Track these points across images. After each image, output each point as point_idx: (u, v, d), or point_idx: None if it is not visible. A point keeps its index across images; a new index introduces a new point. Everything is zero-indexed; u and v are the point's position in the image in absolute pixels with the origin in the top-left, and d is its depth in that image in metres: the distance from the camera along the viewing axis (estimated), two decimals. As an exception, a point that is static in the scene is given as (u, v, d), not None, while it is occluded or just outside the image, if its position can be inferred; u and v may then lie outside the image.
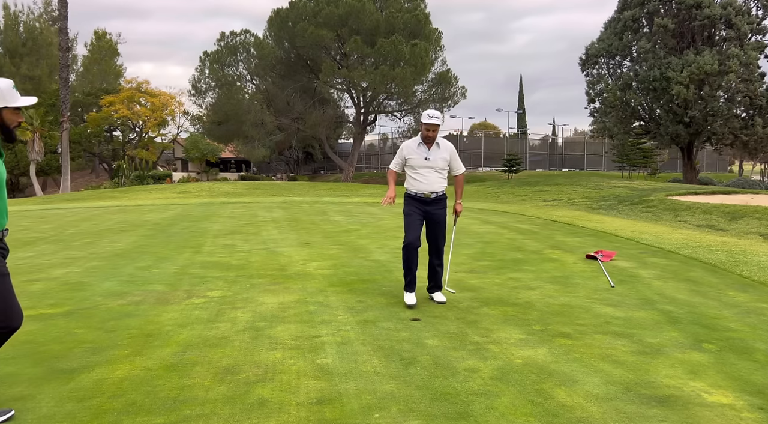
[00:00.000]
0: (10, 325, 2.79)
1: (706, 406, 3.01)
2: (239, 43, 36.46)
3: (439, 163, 5.00)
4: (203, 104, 38.32)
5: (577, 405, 3.00)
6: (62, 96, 33.09)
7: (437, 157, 5.00)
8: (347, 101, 38.69)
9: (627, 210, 13.45)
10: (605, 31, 27.41)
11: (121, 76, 57.33)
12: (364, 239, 9.39)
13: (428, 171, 4.99)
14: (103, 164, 49.81)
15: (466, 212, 14.13)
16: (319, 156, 45.78)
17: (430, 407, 2.96)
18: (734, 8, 23.61)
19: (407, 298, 5.03)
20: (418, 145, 5.02)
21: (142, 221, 12.50)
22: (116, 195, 23.25)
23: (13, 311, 2.79)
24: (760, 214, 10.50)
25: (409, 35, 31.14)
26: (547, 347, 3.91)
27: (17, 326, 2.81)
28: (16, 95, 2.76)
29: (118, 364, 3.60)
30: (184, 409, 2.96)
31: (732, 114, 24.19)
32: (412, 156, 5.00)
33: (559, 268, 6.85)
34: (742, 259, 7.23)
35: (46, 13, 53.32)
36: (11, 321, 2.79)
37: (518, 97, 58.26)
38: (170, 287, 5.80)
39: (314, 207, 16.17)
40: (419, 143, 5.02)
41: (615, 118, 26.96)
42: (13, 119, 2.77)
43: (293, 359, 3.67)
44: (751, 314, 4.82)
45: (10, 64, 47.81)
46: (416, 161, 4.99)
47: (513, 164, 31.91)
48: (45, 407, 2.98)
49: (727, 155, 46.36)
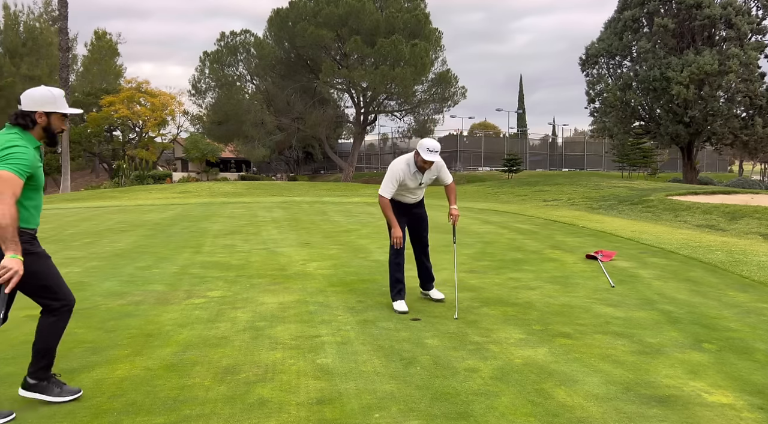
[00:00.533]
0: (70, 302, 3.02)
1: (706, 406, 3.01)
2: (239, 43, 36.46)
3: (428, 182, 5.01)
4: (203, 104, 38.34)
5: (577, 405, 3.00)
6: (62, 96, 33.05)
7: (429, 177, 4.96)
8: (347, 101, 38.73)
9: (627, 210, 13.45)
10: (605, 31, 27.41)
11: (121, 76, 57.32)
12: (364, 238, 9.39)
13: (419, 190, 5.00)
14: (103, 164, 49.78)
15: (466, 211, 14.12)
16: (319, 156, 45.78)
17: (430, 407, 2.96)
18: (734, 8, 23.60)
19: (401, 306, 4.86)
20: (414, 173, 4.83)
21: (142, 221, 12.50)
22: (116, 195, 23.25)
23: (67, 289, 3.04)
24: (760, 214, 10.50)
25: (409, 35, 31.13)
26: (547, 347, 3.91)
27: (74, 302, 3.07)
28: (65, 104, 2.98)
29: (118, 364, 3.60)
30: (184, 409, 2.96)
31: (732, 114, 24.19)
32: (406, 182, 4.85)
33: (559, 268, 6.85)
34: (742, 259, 7.23)
35: (46, 13, 53.29)
36: (69, 298, 3.02)
37: (518, 97, 58.27)
38: (170, 287, 5.80)
39: (314, 207, 16.17)
40: (414, 171, 4.82)
41: (615, 118, 26.96)
42: (59, 125, 2.97)
43: (293, 359, 3.67)
44: (751, 314, 4.82)
45: (10, 64, 47.77)
46: (410, 185, 4.90)
47: (513, 164, 31.91)
48: (45, 407, 2.98)
49: (727, 155, 46.35)
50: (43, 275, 2.90)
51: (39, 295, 2.94)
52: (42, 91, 2.92)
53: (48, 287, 2.93)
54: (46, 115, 2.91)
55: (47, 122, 2.92)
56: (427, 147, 4.63)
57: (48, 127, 2.93)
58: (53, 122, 2.94)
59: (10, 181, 2.65)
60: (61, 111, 2.95)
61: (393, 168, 4.81)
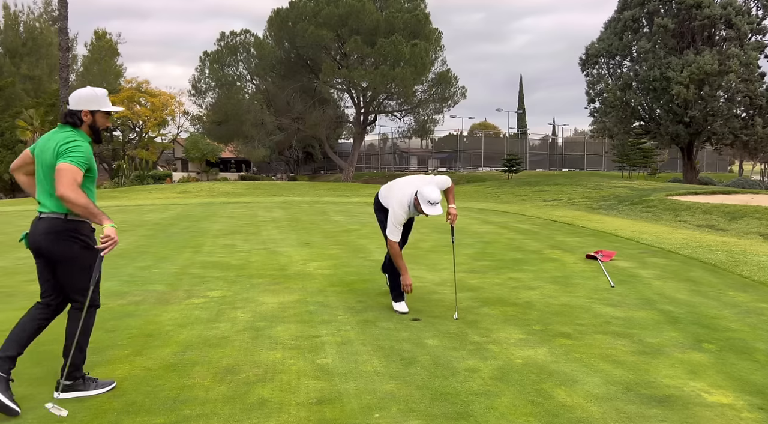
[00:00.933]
0: (98, 303, 3.28)
1: (706, 406, 3.01)
2: (239, 43, 36.44)
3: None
4: (203, 104, 38.32)
5: (577, 405, 3.00)
6: (62, 96, 33.01)
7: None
8: (347, 101, 38.71)
9: (627, 210, 13.44)
10: (605, 31, 27.41)
11: (121, 76, 57.24)
12: (364, 238, 9.38)
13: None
14: (103, 164, 49.72)
15: (466, 211, 14.13)
16: (319, 156, 45.78)
17: (430, 407, 2.96)
18: (734, 8, 23.60)
19: (401, 306, 4.88)
20: (413, 212, 4.82)
21: (142, 221, 12.50)
22: (116, 195, 23.24)
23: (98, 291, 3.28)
24: (760, 214, 10.50)
25: (409, 35, 31.11)
26: (547, 347, 3.91)
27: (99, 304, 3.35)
28: (108, 102, 3.24)
29: (118, 364, 3.60)
30: (184, 409, 2.96)
31: (732, 114, 24.19)
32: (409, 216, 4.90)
33: (559, 268, 6.85)
34: (742, 259, 7.23)
35: (46, 13, 53.29)
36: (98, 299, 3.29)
37: (518, 97, 58.29)
38: (170, 287, 5.80)
39: (314, 207, 16.17)
40: (414, 211, 4.81)
41: (615, 118, 26.95)
42: (103, 123, 3.23)
43: (293, 359, 3.67)
44: (751, 314, 4.82)
45: (10, 64, 47.77)
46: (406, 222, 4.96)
47: (513, 164, 31.89)
48: (45, 408, 2.98)
49: (727, 155, 46.36)
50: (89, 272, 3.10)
51: (76, 290, 3.14)
52: (87, 91, 3.17)
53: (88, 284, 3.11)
54: (91, 114, 3.14)
55: (92, 120, 3.16)
56: (428, 200, 4.58)
57: (93, 124, 3.17)
58: (98, 120, 3.18)
59: (73, 171, 2.93)
60: (105, 109, 3.19)
61: (395, 213, 4.73)
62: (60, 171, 2.90)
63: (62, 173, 2.89)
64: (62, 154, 2.96)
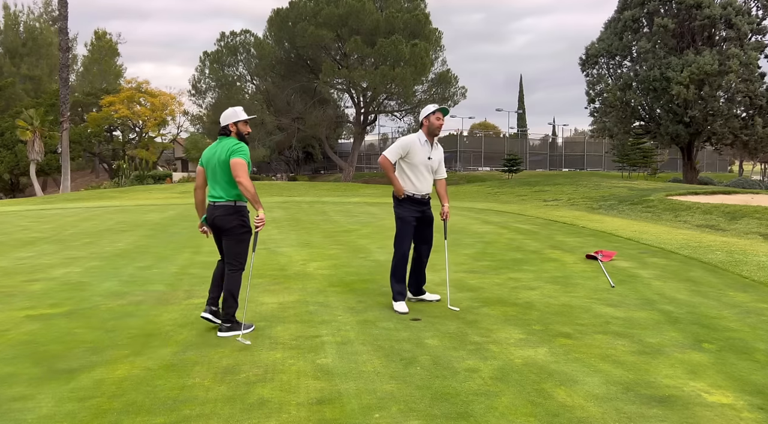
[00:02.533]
0: (244, 267, 4.25)
1: (706, 406, 3.01)
2: (239, 43, 36.43)
3: (435, 165, 5.00)
4: (203, 104, 38.30)
5: (577, 405, 3.00)
6: (62, 96, 33.09)
7: (436, 158, 4.99)
8: (347, 101, 38.68)
9: (627, 210, 13.44)
10: (605, 31, 27.40)
11: (121, 76, 57.31)
12: (364, 238, 9.38)
13: (427, 171, 4.95)
14: (103, 164, 49.78)
15: (467, 211, 14.13)
16: (319, 156, 45.76)
17: (430, 407, 2.96)
18: (734, 8, 23.60)
19: (401, 306, 4.87)
20: (423, 143, 4.91)
21: (143, 221, 12.50)
22: (116, 195, 23.25)
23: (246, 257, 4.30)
24: (760, 214, 10.50)
25: (409, 35, 31.10)
26: (547, 347, 3.91)
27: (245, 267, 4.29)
28: (243, 114, 4.24)
29: (118, 364, 3.60)
30: (184, 409, 2.96)
31: (732, 114, 24.18)
32: (416, 153, 4.86)
33: (559, 268, 6.85)
34: (742, 259, 7.23)
35: (46, 13, 53.35)
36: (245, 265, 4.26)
37: (518, 97, 58.22)
38: (170, 287, 5.80)
39: (314, 207, 16.17)
40: (424, 141, 4.93)
41: (615, 118, 26.95)
42: (245, 129, 4.25)
43: (293, 359, 3.67)
44: (751, 314, 4.81)
45: (10, 64, 47.81)
46: (419, 158, 4.86)
47: (513, 164, 31.90)
48: (45, 407, 2.98)
49: (727, 155, 46.34)
50: (245, 246, 4.21)
51: (232, 256, 4.18)
52: (228, 111, 4.25)
53: (240, 254, 4.19)
54: (234, 125, 4.21)
55: (237, 130, 4.22)
56: (432, 107, 4.91)
57: (238, 131, 4.22)
58: (240, 128, 4.22)
59: (244, 165, 4.05)
60: (242, 119, 4.21)
61: (401, 138, 5.01)
62: (237, 164, 4.01)
63: (239, 166, 4.01)
64: (235, 152, 4.06)
